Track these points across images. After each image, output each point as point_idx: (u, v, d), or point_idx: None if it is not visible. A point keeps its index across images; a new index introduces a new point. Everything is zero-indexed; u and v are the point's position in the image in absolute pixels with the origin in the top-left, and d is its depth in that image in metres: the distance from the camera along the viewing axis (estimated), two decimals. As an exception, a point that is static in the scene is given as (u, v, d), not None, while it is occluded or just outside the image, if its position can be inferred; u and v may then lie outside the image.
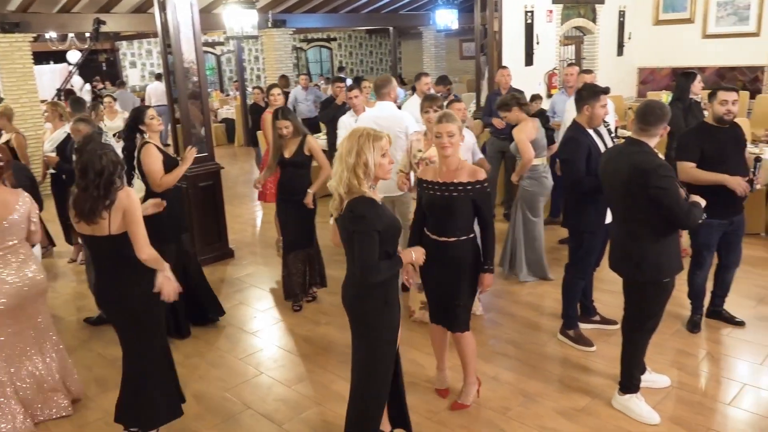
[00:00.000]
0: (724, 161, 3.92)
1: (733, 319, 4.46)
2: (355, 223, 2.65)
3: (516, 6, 9.20)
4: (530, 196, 5.29)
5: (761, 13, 10.54)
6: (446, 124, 3.26)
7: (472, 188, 3.27)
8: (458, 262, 3.34)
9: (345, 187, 2.67)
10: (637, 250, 3.26)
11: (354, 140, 2.67)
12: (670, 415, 3.43)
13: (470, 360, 3.55)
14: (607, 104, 4.12)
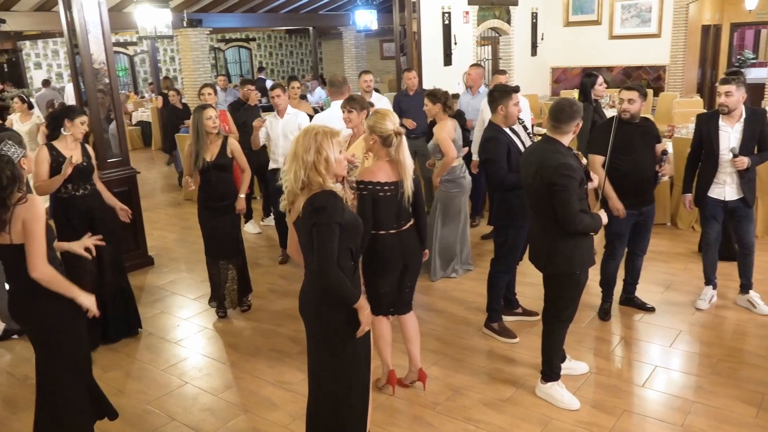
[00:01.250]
0: (631, 153, 4.13)
1: (645, 306, 4.70)
2: (315, 214, 2.57)
3: (433, 7, 9.35)
4: (448, 198, 5.35)
5: (661, 15, 11.20)
6: None
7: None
8: (410, 248, 3.47)
9: (301, 184, 2.61)
10: (549, 243, 3.39)
11: (311, 138, 2.62)
12: (589, 400, 3.59)
13: (415, 340, 3.74)
14: (519, 102, 4.25)
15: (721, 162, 4.34)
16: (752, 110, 4.34)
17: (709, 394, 3.60)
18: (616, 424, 3.37)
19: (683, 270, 5.42)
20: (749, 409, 3.43)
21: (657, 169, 4.29)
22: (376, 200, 3.33)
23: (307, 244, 2.65)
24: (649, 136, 4.32)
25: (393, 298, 3.55)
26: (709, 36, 13.23)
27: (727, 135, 4.30)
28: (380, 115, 3.37)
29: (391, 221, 3.39)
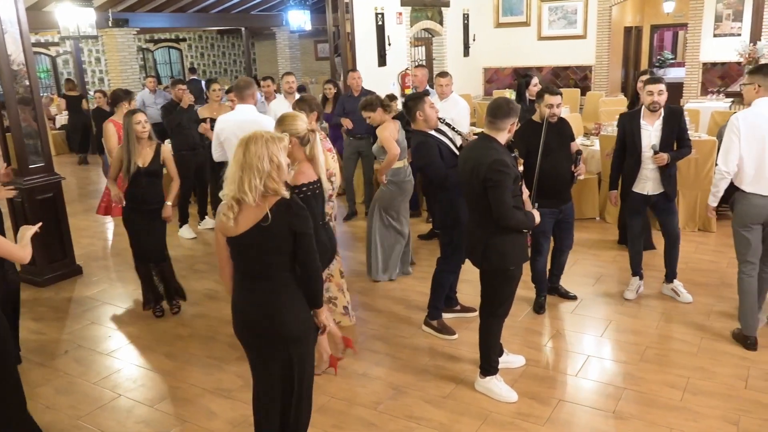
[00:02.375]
0: (549, 154, 4.23)
1: (567, 294, 4.91)
2: (305, 223, 2.60)
3: (366, 8, 9.37)
4: (388, 199, 5.35)
5: (586, 18, 11.60)
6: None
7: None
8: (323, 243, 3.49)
9: (257, 193, 2.52)
10: (483, 239, 3.46)
11: (262, 145, 2.55)
12: (526, 391, 3.68)
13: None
14: (434, 104, 4.35)
15: (644, 158, 4.54)
16: (670, 108, 4.56)
17: (639, 380, 3.76)
18: (551, 413, 3.47)
19: (612, 262, 5.63)
20: (675, 393, 3.60)
21: (573, 169, 4.45)
22: (315, 198, 3.41)
23: (282, 252, 2.60)
24: (565, 137, 4.47)
25: None
26: (631, 37, 13.81)
27: (648, 133, 4.50)
28: (290, 116, 3.42)
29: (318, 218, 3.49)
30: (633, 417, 3.41)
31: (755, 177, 3.89)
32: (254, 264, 2.64)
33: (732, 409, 3.43)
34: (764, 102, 3.87)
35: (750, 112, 3.91)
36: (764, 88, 3.87)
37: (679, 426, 3.30)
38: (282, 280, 2.66)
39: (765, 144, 3.83)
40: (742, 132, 3.84)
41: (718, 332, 4.27)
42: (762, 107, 3.87)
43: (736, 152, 3.87)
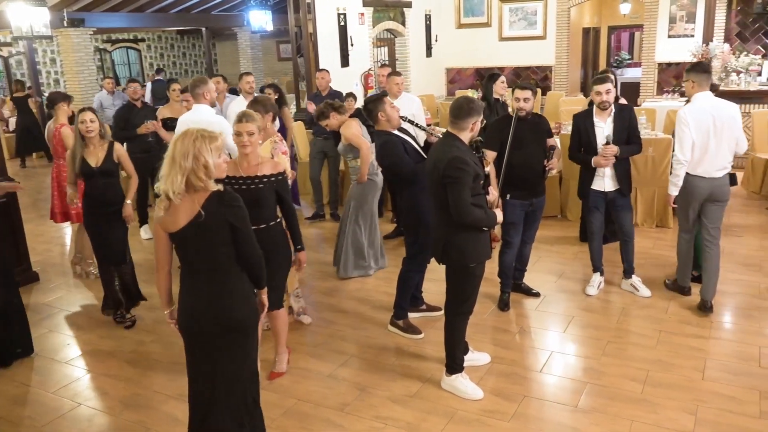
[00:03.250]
0: (521, 148, 4.30)
1: (530, 291, 4.98)
2: (239, 213, 2.68)
3: (329, 8, 9.34)
4: (360, 194, 5.38)
5: (546, 19, 11.79)
6: (246, 123, 3.44)
7: (276, 179, 3.53)
8: (269, 246, 3.46)
9: (178, 189, 2.58)
10: (444, 235, 3.50)
11: (190, 143, 2.60)
12: (491, 388, 3.71)
13: (284, 333, 3.93)
14: (393, 103, 4.38)
15: (600, 155, 4.64)
16: (620, 106, 4.73)
17: (601, 374, 3.84)
18: (517, 409, 3.52)
19: (573, 259, 5.73)
20: (636, 386, 3.68)
21: (545, 164, 4.52)
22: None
23: (224, 244, 2.66)
24: (541, 132, 4.55)
25: None
26: (589, 38, 14.08)
27: (602, 130, 4.64)
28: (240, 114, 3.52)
29: None
30: (595, 410, 3.47)
31: (698, 162, 4.41)
32: (198, 257, 2.70)
33: (690, 399, 3.52)
34: (702, 96, 4.38)
35: (693, 107, 4.39)
36: (698, 84, 4.38)
37: (639, 418, 3.38)
38: (227, 270, 2.73)
39: (707, 133, 4.32)
40: (690, 123, 4.32)
41: (676, 326, 4.39)
42: (702, 101, 4.37)
43: (689, 141, 4.34)
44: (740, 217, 6.74)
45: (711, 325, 4.39)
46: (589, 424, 3.37)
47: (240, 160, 3.51)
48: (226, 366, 2.79)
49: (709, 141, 4.32)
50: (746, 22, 10.51)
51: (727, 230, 6.30)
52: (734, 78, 9.03)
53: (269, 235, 3.56)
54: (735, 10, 10.52)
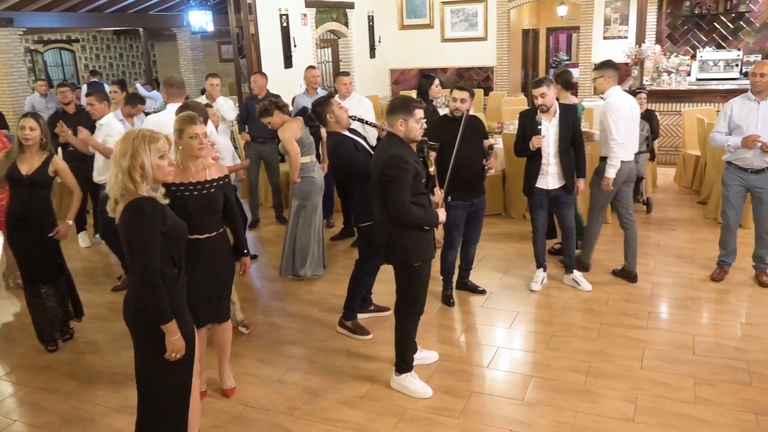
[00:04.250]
0: (462, 149, 4.35)
1: (477, 288, 5.07)
2: (133, 220, 2.53)
3: (270, 9, 9.24)
4: (302, 194, 5.35)
5: (486, 20, 11.99)
6: (200, 125, 3.33)
7: (224, 183, 3.44)
8: (221, 255, 3.45)
9: (120, 190, 2.56)
10: (387, 234, 3.52)
11: (128, 142, 2.57)
12: (440, 386, 3.75)
13: (229, 346, 3.76)
14: (341, 104, 4.39)
15: (544, 154, 4.75)
16: (564, 106, 4.83)
17: (546, 367, 3.93)
18: (465, 406, 3.57)
19: (517, 256, 5.85)
20: (579, 377, 3.79)
21: (484, 163, 4.60)
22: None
23: (129, 250, 2.60)
24: (477, 133, 4.62)
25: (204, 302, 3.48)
26: (529, 39, 14.40)
27: (546, 128, 4.73)
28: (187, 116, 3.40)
29: None
30: (541, 403, 3.55)
31: (624, 147, 4.84)
32: (126, 255, 2.68)
33: (630, 388, 3.65)
34: (617, 89, 4.90)
35: (616, 97, 4.83)
36: (612, 79, 4.87)
37: (583, 408, 3.48)
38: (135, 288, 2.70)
39: (629, 120, 4.84)
40: (621, 109, 4.76)
41: (616, 318, 4.54)
42: (618, 93, 4.89)
43: (622, 125, 4.76)
44: (673, 211, 7.03)
45: (648, 315, 4.56)
46: (535, 416, 3.44)
47: (187, 166, 3.32)
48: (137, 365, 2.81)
49: (630, 127, 4.87)
50: (676, 24, 10.96)
51: (660, 224, 6.57)
52: (665, 78, 9.41)
53: (221, 243, 3.45)
54: (665, 12, 10.95)
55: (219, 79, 6.97)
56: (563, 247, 5.10)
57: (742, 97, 4.86)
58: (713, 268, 5.19)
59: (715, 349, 4.06)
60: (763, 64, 4.67)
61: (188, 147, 3.29)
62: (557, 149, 4.73)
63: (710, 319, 4.51)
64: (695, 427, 3.28)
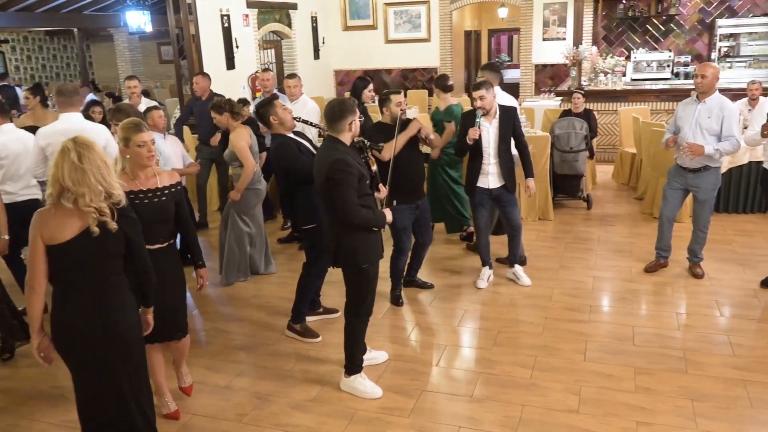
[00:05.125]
0: (400, 155, 4.36)
1: (425, 285, 5.15)
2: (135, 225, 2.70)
3: (211, 9, 9.08)
4: (246, 204, 5.25)
5: (429, 22, 12.12)
6: (148, 132, 3.19)
7: (175, 190, 3.30)
8: (173, 268, 3.33)
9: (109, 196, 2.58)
10: (335, 236, 3.51)
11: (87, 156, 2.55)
12: (390, 386, 3.77)
13: (186, 353, 3.69)
14: (285, 106, 4.36)
15: (485, 154, 4.85)
16: (504, 108, 4.95)
17: (493, 363, 4.00)
18: (415, 404, 3.59)
19: (464, 254, 5.93)
20: (525, 372, 3.87)
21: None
22: None
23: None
24: (413, 136, 4.66)
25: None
26: (471, 41, 14.63)
27: (487, 129, 4.84)
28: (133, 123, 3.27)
29: None
30: (489, 399, 3.61)
31: None
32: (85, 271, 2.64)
33: (574, 381, 3.75)
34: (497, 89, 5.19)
35: (505, 96, 5.34)
36: (493, 80, 5.16)
37: (530, 402, 3.56)
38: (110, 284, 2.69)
39: None
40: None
41: (560, 312, 4.66)
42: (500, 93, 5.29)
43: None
44: (612, 207, 7.27)
45: (590, 309, 4.70)
46: (484, 412, 3.50)
47: (135, 173, 3.19)
48: (123, 383, 2.70)
49: None
50: (611, 26, 11.34)
51: (600, 220, 6.78)
52: (602, 78, 9.71)
53: (171, 255, 3.34)
54: (601, 15, 11.32)
55: (137, 81, 6.76)
56: (509, 243, 5.21)
57: (689, 98, 5.02)
58: (651, 261, 5.39)
59: (653, 339, 4.22)
60: (704, 66, 4.79)
61: (136, 156, 3.14)
62: (497, 149, 4.84)
63: (648, 310, 4.69)
64: (636, 415, 3.40)
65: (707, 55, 10.72)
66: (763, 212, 6.69)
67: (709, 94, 4.76)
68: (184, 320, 3.48)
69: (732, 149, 4.74)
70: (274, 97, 4.48)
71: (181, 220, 3.34)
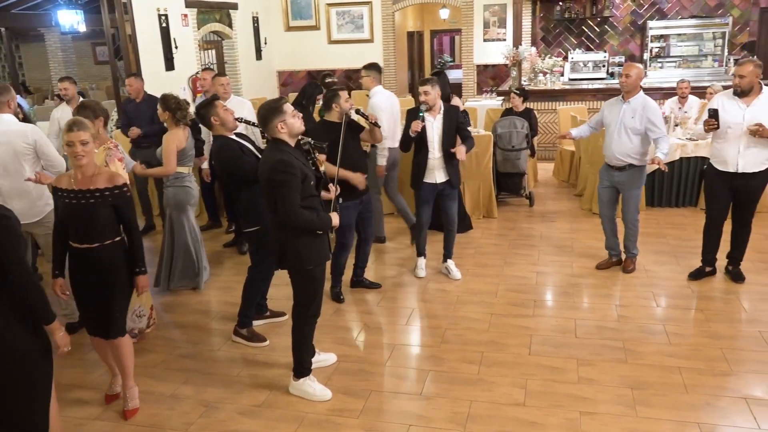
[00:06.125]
0: (345, 151, 4.36)
1: (372, 285, 5.19)
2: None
3: (148, 9, 8.84)
4: (177, 205, 5.12)
5: (372, 22, 12.14)
6: (78, 132, 3.16)
7: (111, 193, 3.28)
8: (107, 267, 3.35)
9: None
10: (280, 240, 3.48)
11: None
12: (339, 387, 3.75)
13: (130, 363, 3.60)
14: (226, 107, 4.32)
15: (430, 149, 4.97)
16: (447, 106, 5.07)
17: (441, 361, 4.04)
18: (365, 405, 3.59)
19: (411, 253, 5.96)
20: (473, 368, 3.93)
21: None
22: None
23: None
24: (355, 132, 4.71)
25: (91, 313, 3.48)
26: (414, 41, 14.74)
27: (431, 124, 4.95)
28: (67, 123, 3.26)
29: None
30: (438, 396, 3.65)
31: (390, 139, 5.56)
32: None
33: (519, 374, 3.83)
34: (380, 88, 5.72)
35: (377, 97, 5.64)
36: (375, 80, 5.70)
37: (477, 397, 3.61)
38: None
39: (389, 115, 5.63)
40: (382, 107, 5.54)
41: (505, 308, 4.75)
42: (380, 91, 5.72)
43: (385, 118, 5.38)
44: (553, 204, 7.45)
45: (534, 304, 4.80)
46: (433, 409, 3.53)
47: (74, 172, 3.27)
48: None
49: (390, 121, 5.65)
50: (549, 28, 11.62)
51: (542, 216, 6.95)
52: (541, 78, 9.96)
53: (102, 255, 3.32)
54: (539, 16, 11.59)
55: (69, 82, 6.52)
56: (444, 238, 5.39)
57: (615, 98, 5.17)
58: (591, 255, 5.57)
59: (595, 331, 4.35)
60: (628, 66, 4.95)
61: (69, 154, 3.20)
62: (441, 144, 4.96)
63: (589, 303, 4.83)
64: (579, 405, 3.49)
65: (640, 55, 11.12)
66: (694, 206, 7.00)
67: (633, 94, 4.91)
68: (114, 325, 3.44)
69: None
70: (214, 98, 4.39)
71: (123, 224, 3.38)
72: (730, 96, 4.71)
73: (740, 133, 4.61)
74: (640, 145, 4.92)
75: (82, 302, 3.45)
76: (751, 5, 10.75)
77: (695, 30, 10.64)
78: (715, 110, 4.61)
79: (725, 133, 4.66)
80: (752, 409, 3.40)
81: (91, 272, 3.33)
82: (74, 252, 3.34)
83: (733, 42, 10.83)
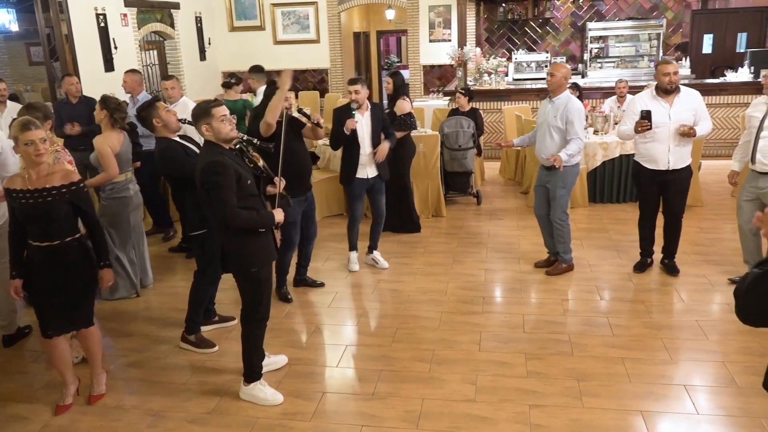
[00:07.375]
0: (289, 147, 4.29)
1: (315, 283, 5.23)
2: None
3: (85, 8, 8.56)
4: (112, 213, 4.97)
5: (318, 23, 12.08)
6: (36, 131, 3.21)
7: (68, 190, 3.32)
8: (69, 262, 3.39)
9: None
10: (223, 242, 3.45)
11: None
12: (291, 390, 3.72)
13: (99, 351, 3.72)
14: (168, 108, 4.26)
15: (361, 145, 5.14)
16: (374, 104, 5.26)
17: (393, 360, 4.05)
18: (317, 407, 3.57)
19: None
20: (424, 366, 3.95)
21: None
22: None
23: None
24: (297, 128, 4.70)
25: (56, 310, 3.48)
26: (360, 42, 14.74)
27: (361, 122, 5.11)
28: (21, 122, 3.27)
29: None
30: (390, 395, 3.66)
31: None
32: None
33: (470, 371, 3.88)
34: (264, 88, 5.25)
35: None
36: (260, 81, 6.09)
37: (429, 395, 3.64)
38: None
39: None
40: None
41: (454, 305, 4.80)
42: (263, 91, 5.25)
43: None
44: (500, 202, 7.58)
45: (483, 301, 4.87)
46: (385, 408, 3.54)
47: (27, 172, 3.28)
48: None
49: None
50: (493, 29, 11.83)
51: (490, 214, 7.06)
52: (487, 78, 10.12)
53: (65, 251, 3.37)
54: (483, 17, 11.78)
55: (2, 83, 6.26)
56: (371, 230, 5.57)
57: (547, 98, 5.29)
58: (538, 252, 5.68)
59: (542, 325, 4.44)
60: (555, 66, 5.03)
61: (25, 154, 3.23)
62: (371, 140, 5.16)
63: (536, 299, 4.93)
64: (528, 399, 3.56)
65: (580, 56, 11.44)
66: (634, 201, 7.23)
67: (558, 93, 4.99)
68: (84, 315, 3.55)
69: (576, 149, 4.90)
70: (155, 99, 4.28)
71: (83, 220, 3.46)
72: (653, 96, 4.88)
73: (668, 132, 4.78)
74: (563, 144, 4.95)
75: (48, 301, 3.42)
76: (684, 8, 11.21)
77: (632, 31, 11.02)
78: (648, 111, 4.75)
79: (653, 133, 4.81)
80: (691, 395, 3.54)
81: (56, 269, 3.37)
82: (36, 250, 3.36)
83: (667, 43, 11.27)
